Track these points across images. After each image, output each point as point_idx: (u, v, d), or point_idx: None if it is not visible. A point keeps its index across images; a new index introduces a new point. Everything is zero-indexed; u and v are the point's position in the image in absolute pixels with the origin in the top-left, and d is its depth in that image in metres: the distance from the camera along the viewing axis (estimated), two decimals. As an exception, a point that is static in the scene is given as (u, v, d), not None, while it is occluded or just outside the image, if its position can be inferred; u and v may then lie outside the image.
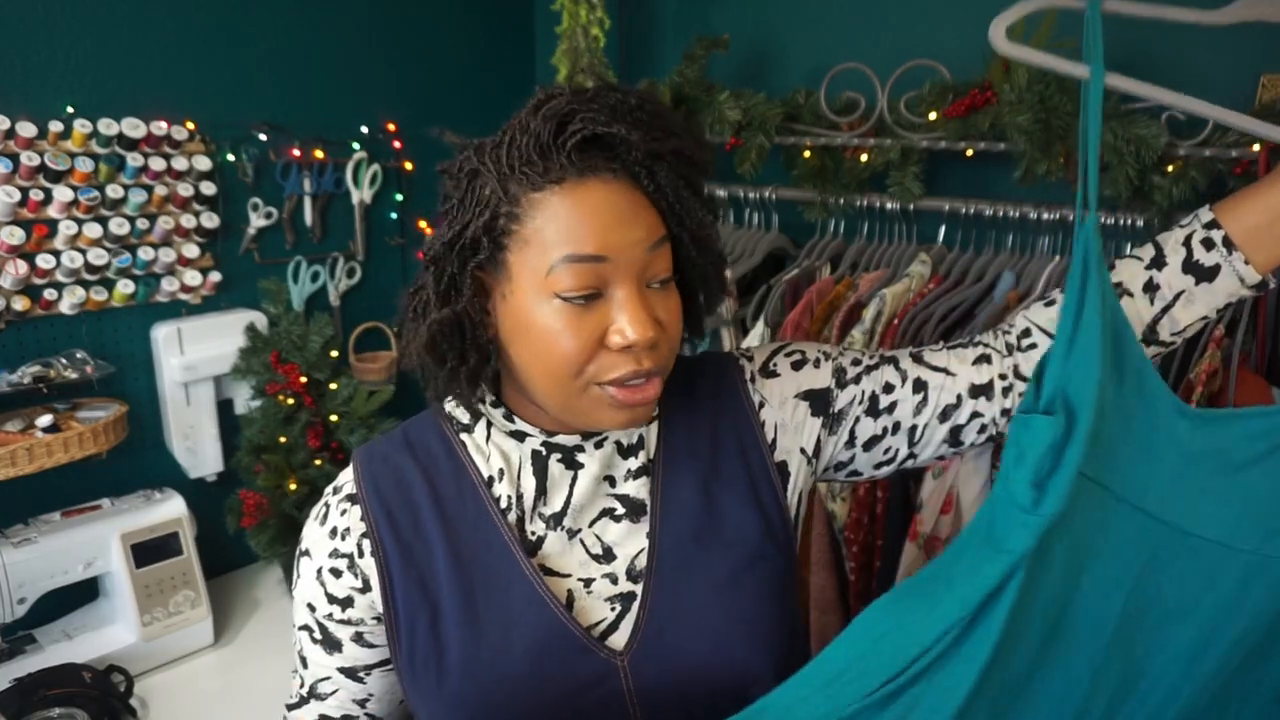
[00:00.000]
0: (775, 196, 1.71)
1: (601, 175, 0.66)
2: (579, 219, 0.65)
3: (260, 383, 1.71)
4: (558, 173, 0.65)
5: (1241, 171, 1.28)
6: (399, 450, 0.78)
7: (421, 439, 0.79)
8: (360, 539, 0.75)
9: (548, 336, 0.67)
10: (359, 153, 1.91)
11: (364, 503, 0.75)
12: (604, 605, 0.75)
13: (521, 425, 0.76)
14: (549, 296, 0.66)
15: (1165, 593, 0.71)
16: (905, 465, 0.86)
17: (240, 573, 1.87)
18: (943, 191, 1.56)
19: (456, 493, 0.76)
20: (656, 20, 2.05)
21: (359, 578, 0.75)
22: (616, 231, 0.66)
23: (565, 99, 0.66)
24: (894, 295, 1.43)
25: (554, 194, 0.66)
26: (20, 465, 1.39)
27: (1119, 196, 1.33)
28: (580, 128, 0.64)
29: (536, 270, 0.66)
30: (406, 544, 0.74)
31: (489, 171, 0.67)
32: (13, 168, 1.44)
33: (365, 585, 0.75)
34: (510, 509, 0.76)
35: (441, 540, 0.74)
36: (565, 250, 0.65)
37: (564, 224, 0.65)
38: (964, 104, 1.44)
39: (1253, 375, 1.22)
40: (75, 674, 1.38)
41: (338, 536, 0.76)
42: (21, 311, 1.49)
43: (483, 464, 0.77)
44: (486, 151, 0.69)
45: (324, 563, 0.76)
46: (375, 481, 0.76)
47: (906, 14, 1.69)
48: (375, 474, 0.76)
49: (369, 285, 2.02)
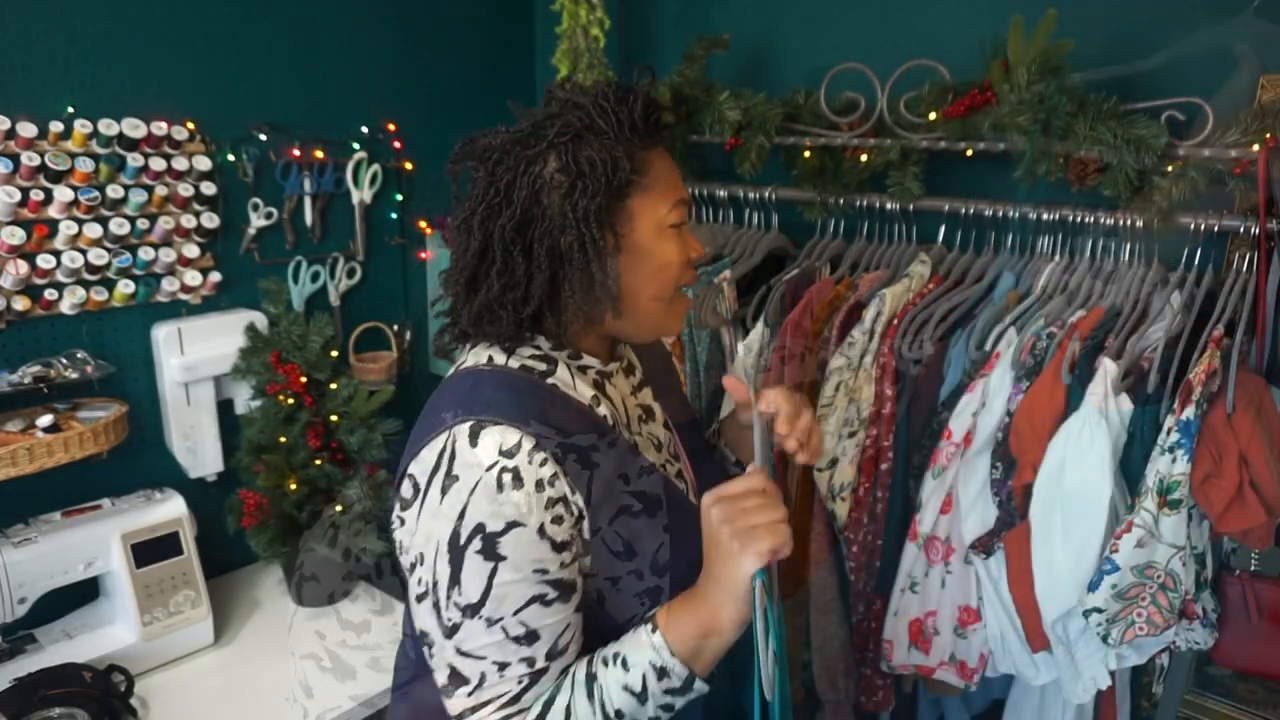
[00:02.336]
0: (775, 196, 1.71)
1: (662, 143, 0.90)
2: (673, 171, 0.90)
3: (260, 383, 1.71)
4: (651, 137, 0.87)
5: (1241, 172, 1.28)
6: (528, 400, 0.85)
7: (528, 388, 0.86)
8: (563, 480, 0.81)
9: (668, 256, 0.88)
10: (359, 153, 1.91)
11: (547, 449, 0.81)
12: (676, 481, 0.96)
13: (586, 360, 0.92)
14: (666, 227, 0.88)
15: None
16: None
17: (240, 573, 1.87)
18: (943, 191, 1.56)
19: (581, 419, 0.86)
20: (656, 20, 2.05)
21: (572, 512, 0.82)
22: (680, 181, 0.91)
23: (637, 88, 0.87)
24: (894, 295, 1.43)
25: (654, 153, 0.88)
26: (21, 465, 1.39)
27: (1119, 197, 1.33)
28: (658, 108, 0.88)
29: (658, 208, 0.87)
30: (590, 470, 0.84)
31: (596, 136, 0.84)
32: (13, 168, 1.44)
33: (579, 515, 0.83)
34: (615, 424, 0.91)
35: (603, 457, 0.85)
36: (677, 195, 0.89)
37: (669, 174, 0.89)
38: (964, 104, 1.44)
39: (1251, 375, 1.22)
40: (75, 674, 1.38)
41: (546, 486, 0.80)
42: (22, 311, 1.49)
43: (576, 395, 0.89)
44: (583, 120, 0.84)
45: (542, 518, 0.80)
46: (539, 430, 0.82)
47: (906, 14, 1.69)
48: (538, 425, 0.82)
49: (369, 285, 2.02)
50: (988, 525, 1.27)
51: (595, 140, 0.83)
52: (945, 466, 1.30)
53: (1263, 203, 1.24)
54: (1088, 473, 1.16)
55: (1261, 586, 1.25)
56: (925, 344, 1.36)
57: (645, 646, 0.80)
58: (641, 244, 0.87)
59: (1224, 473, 1.11)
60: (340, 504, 1.70)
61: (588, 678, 0.81)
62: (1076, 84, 1.34)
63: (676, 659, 0.79)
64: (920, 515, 1.33)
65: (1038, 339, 1.29)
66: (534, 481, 0.79)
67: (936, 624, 1.34)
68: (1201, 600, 1.22)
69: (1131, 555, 1.13)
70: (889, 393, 1.37)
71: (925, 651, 1.35)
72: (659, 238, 0.87)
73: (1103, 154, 1.32)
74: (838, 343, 1.43)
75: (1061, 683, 1.28)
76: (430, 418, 0.86)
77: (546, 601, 0.80)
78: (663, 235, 0.87)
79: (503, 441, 0.80)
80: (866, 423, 1.39)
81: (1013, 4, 1.43)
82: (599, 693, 0.80)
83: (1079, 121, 1.33)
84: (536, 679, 0.81)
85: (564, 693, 0.81)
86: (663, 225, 0.87)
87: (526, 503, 0.79)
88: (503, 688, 0.80)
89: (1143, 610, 1.15)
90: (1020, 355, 1.29)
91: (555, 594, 0.81)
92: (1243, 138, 1.26)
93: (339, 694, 1.49)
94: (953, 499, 1.30)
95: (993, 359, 1.30)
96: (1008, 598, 1.26)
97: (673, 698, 0.81)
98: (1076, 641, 1.25)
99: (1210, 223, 1.30)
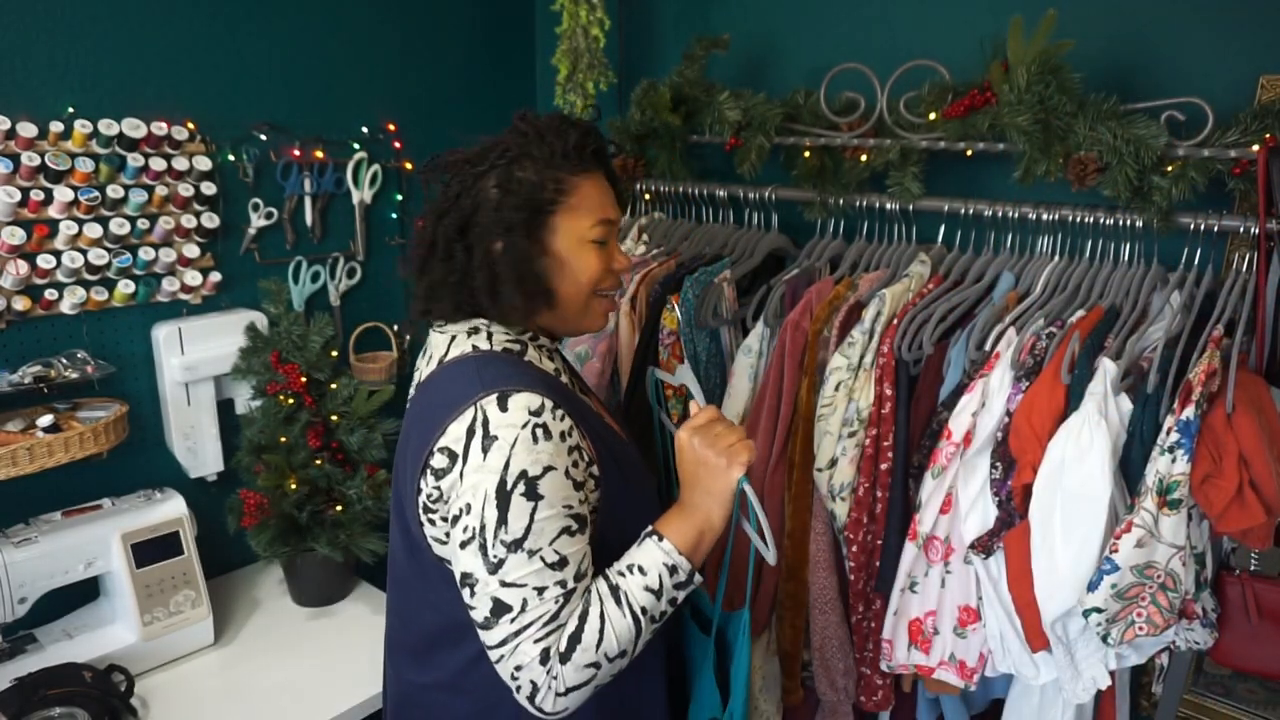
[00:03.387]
0: (775, 196, 1.71)
1: (600, 171, 1.08)
2: (600, 195, 1.07)
3: (260, 383, 1.71)
4: (587, 165, 1.05)
5: (1241, 172, 1.28)
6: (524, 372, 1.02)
7: (518, 364, 1.04)
8: (577, 430, 1.00)
9: (586, 265, 1.06)
10: (359, 153, 1.91)
11: (562, 406, 0.99)
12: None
13: (543, 340, 1.12)
14: (587, 241, 1.06)
15: None
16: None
17: (240, 572, 1.87)
18: (942, 192, 1.56)
19: (557, 386, 1.04)
20: (656, 20, 2.05)
21: (585, 456, 1.00)
22: (616, 206, 1.10)
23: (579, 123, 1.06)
24: (894, 295, 1.43)
25: (584, 179, 1.05)
26: (21, 465, 1.39)
27: (1119, 197, 1.33)
28: (596, 141, 1.06)
29: (579, 225, 1.05)
30: (582, 420, 1.02)
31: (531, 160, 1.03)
32: (13, 168, 1.44)
33: (591, 460, 1.01)
34: (573, 388, 1.11)
35: (585, 417, 1.04)
36: (601, 215, 1.06)
37: (595, 198, 1.06)
38: (963, 104, 1.44)
39: (1251, 375, 1.22)
40: (76, 673, 1.38)
41: (569, 437, 0.98)
42: (22, 311, 1.49)
43: (546, 368, 1.07)
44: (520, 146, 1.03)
45: (565, 463, 0.96)
46: (552, 392, 0.99)
47: (906, 14, 1.69)
48: (546, 388, 0.99)
49: (369, 285, 2.02)
50: (987, 525, 1.27)
51: (530, 164, 1.02)
52: (945, 466, 1.30)
53: (1262, 203, 1.24)
54: (1087, 473, 1.15)
55: (1261, 586, 1.25)
56: (925, 344, 1.36)
57: (655, 552, 0.98)
58: (562, 253, 1.04)
59: (1224, 473, 1.11)
60: (340, 504, 1.71)
61: (611, 589, 0.97)
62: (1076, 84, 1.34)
63: (683, 557, 0.99)
64: (920, 515, 1.33)
65: (1038, 339, 1.29)
66: (559, 433, 0.96)
67: (936, 624, 1.34)
68: (1201, 600, 1.22)
69: (1131, 555, 1.13)
70: (889, 393, 1.37)
71: (925, 651, 1.35)
72: (579, 249, 1.05)
73: (1103, 154, 1.32)
74: (838, 343, 1.43)
75: (1061, 683, 1.28)
76: (443, 402, 0.99)
77: (572, 532, 0.96)
78: (583, 247, 1.05)
79: (529, 403, 0.96)
80: (866, 423, 1.39)
81: (1013, 4, 1.43)
82: (625, 597, 0.96)
83: (1079, 121, 1.33)
84: (569, 599, 0.94)
85: (595, 604, 0.95)
86: (584, 239, 1.05)
87: (556, 450, 0.95)
88: (542, 609, 0.93)
89: (1142, 610, 1.15)
90: (1020, 355, 1.29)
91: (577, 525, 0.96)
92: (1242, 138, 1.26)
93: (339, 694, 1.50)
94: (952, 499, 1.30)
95: (993, 359, 1.30)
96: (1007, 598, 1.26)
97: (679, 590, 0.99)
98: (1076, 641, 1.25)
99: (1210, 223, 1.30)
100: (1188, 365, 1.18)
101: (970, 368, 1.34)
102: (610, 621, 0.94)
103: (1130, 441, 1.20)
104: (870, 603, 1.44)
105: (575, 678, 0.93)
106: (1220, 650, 1.28)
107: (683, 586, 0.99)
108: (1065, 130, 1.35)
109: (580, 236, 1.04)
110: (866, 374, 1.39)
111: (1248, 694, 1.48)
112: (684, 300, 1.57)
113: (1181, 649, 1.27)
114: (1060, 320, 1.32)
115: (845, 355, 1.40)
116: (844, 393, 1.40)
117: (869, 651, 1.45)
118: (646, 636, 0.98)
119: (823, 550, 1.47)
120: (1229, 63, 1.37)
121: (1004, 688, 1.43)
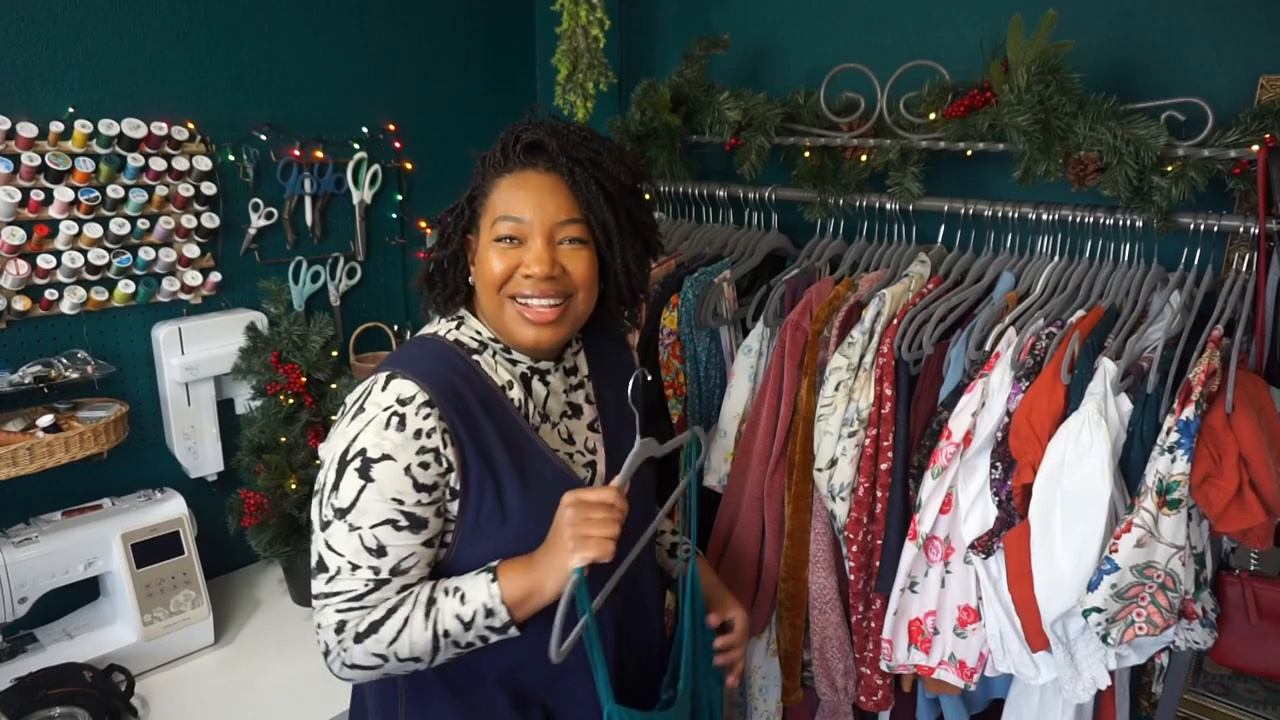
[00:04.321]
0: (775, 196, 1.71)
1: (537, 168, 1.02)
2: (512, 193, 1.02)
3: (261, 383, 1.71)
4: (511, 165, 1.03)
5: (1240, 172, 1.28)
6: (440, 367, 1.01)
7: (446, 359, 1.03)
8: (443, 435, 0.97)
9: (488, 266, 1.02)
10: (359, 153, 1.91)
11: (439, 406, 0.97)
12: (583, 469, 1.11)
13: (515, 354, 1.08)
14: (491, 240, 1.03)
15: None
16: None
17: (240, 572, 1.87)
18: (942, 191, 1.56)
19: (489, 396, 1.03)
20: (656, 20, 2.05)
21: (443, 464, 0.97)
22: (535, 202, 1.01)
23: (527, 123, 1.03)
24: (894, 295, 1.43)
25: (506, 178, 1.03)
26: (21, 465, 1.39)
27: (1119, 197, 1.33)
28: (523, 135, 1.02)
29: (487, 224, 1.03)
30: (474, 434, 0.99)
31: (479, 167, 1.06)
32: (13, 168, 1.44)
33: (448, 468, 0.98)
34: (520, 408, 1.06)
35: (492, 430, 1.01)
36: (502, 211, 1.02)
37: (505, 196, 1.02)
38: (963, 104, 1.44)
39: (1251, 375, 1.22)
40: (76, 673, 1.38)
41: (423, 436, 0.96)
42: (22, 311, 1.49)
43: (495, 377, 1.05)
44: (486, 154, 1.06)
45: (411, 460, 0.95)
46: (438, 389, 0.98)
47: (906, 14, 1.69)
48: (435, 383, 0.98)
49: (369, 285, 2.02)
50: (987, 525, 1.27)
51: (485, 168, 1.05)
52: (945, 466, 1.30)
53: (1262, 203, 1.24)
54: (1087, 473, 1.16)
55: (1261, 586, 1.25)
56: (925, 344, 1.36)
57: (483, 589, 0.97)
58: (479, 253, 1.05)
59: (1223, 473, 1.11)
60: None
61: (428, 600, 0.97)
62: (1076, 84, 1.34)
63: (504, 606, 0.96)
64: (920, 515, 1.33)
65: (1037, 339, 1.29)
66: (414, 430, 0.95)
67: (936, 624, 1.34)
68: (1201, 600, 1.22)
69: (1131, 555, 1.13)
70: (889, 393, 1.37)
71: (925, 651, 1.35)
72: (486, 250, 1.03)
73: (1103, 154, 1.32)
74: (838, 343, 1.43)
75: (1061, 682, 1.28)
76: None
77: (398, 527, 0.96)
78: (489, 248, 1.03)
79: (401, 391, 0.97)
80: (866, 423, 1.39)
81: (1013, 4, 1.43)
82: (435, 614, 0.96)
83: (1079, 121, 1.33)
84: (379, 586, 0.97)
85: (405, 606, 0.96)
86: (489, 238, 1.03)
87: (402, 443, 0.95)
88: (351, 585, 0.96)
89: (1142, 610, 1.15)
90: (1020, 355, 1.29)
91: (406, 523, 0.96)
92: (1242, 138, 1.26)
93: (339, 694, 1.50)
94: (953, 499, 1.30)
95: (993, 359, 1.30)
96: (1007, 597, 1.26)
97: (491, 634, 0.98)
98: (1076, 641, 1.25)
99: (1210, 223, 1.30)
100: (1187, 365, 1.18)
101: (970, 368, 1.34)
102: (411, 628, 0.96)
103: (1130, 441, 1.20)
104: (870, 603, 1.44)
105: (362, 659, 0.98)
106: (1220, 650, 1.28)
107: (495, 631, 0.98)
108: (1065, 130, 1.35)
109: (489, 236, 1.03)
110: (866, 374, 1.39)
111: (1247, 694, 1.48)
112: (684, 300, 1.58)
113: (1181, 649, 1.27)
114: (1060, 320, 1.32)
115: (845, 355, 1.40)
116: (844, 393, 1.40)
117: (869, 651, 1.45)
118: (446, 655, 0.99)
119: (823, 550, 1.47)
120: (1229, 63, 1.37)
121: (1004, 688, 1.43)
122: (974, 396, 1.29)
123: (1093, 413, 1.16)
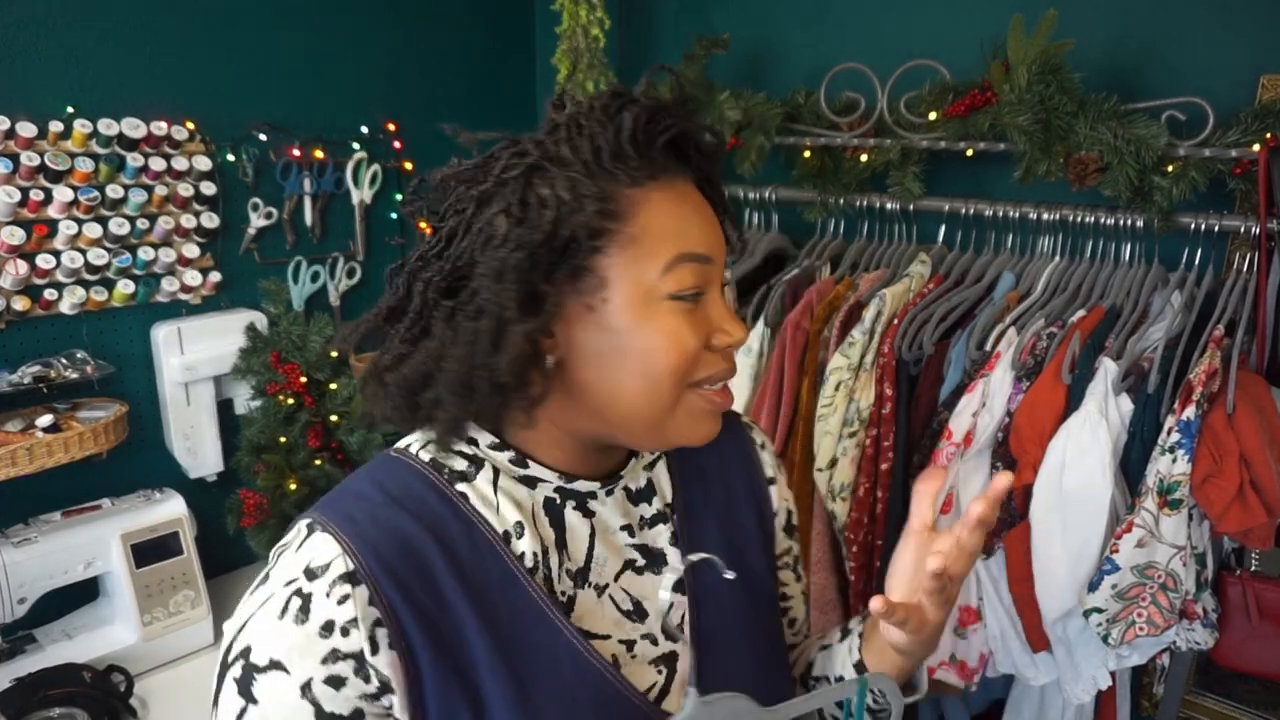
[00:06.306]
0: (775, 196, 1.71)
1: (685, 175, 0.65)
2: (686, 216, 0.62)
3: (260, 383, 1.71)
4: (653, 169, 0.61)
5: (1241, 172, 1.28)
6: (389, 509, 0.62)
7: (409, 492, 0.63)
8: (373, 629, 0.57)
9: (664, 339, 0.60)
10: (359, 153, 1.91)
11: (370, 580, 0.58)
12: (650, 669, 0.67)
13: (536, 469, 0.66)
14: (661, 297, 0.61)
15: None
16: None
17: (240, 573, 1.87)
18: (943, 191, 1.56)
19: (473, 555, 0.62)
20: (656, 20, 2.05)
21: (373, 680, 0.58)
22: (715, 232, 0.64)
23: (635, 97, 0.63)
24: (894, 295, 1.43)
25: (656, 190, 0.61)
26: (20, 465, 1.39)
27: (1119, 197, 1.33)
28: (672, 124, 0.62)
29: (646, 271, 0.60)
30: (434, 625, 0.59)
31: (560, 168, 0.60)
32: (13, 168, 1.44)
33: (382, 688, 0.58)
34: (536, 568, 0.64)
35: (471, 615, 0.60)
36: (681, 248, 0.61)
37: (675, 221, 0.61)
38: (964, 104, 1.44)
39: (1252, 375, 1.22)
40: (75, 674, 1.38)
41: (335, 633, 0.57)
42: (22, 311, 1.49)
43: (493, 518, 0.64)
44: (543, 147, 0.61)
45: (313, 674, 0.57)
46: (376, 551, 0.59)
47: (906, 14, 1.69)
48: (373, 542, 0.59)
49: (369, 285, 2.02)
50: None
51: (558, 171, 0.60)
52: (945, 466, 1.30)
53: (1263, 203, 1.24)
54: (1088, 473, 1.15)
55: (1261, 587, 1.25)
56: (925, 344, 1.36)
57: None
58: (614, 321, 0.60)
59: (1224, 473, 1.11)
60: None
61: None
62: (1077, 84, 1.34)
63: None
64: (920, 515, 1.33)
65: (1038, 339, 1.29)
66: (321, 622, 0.57)
67: (936, 624, 1.34)
68: (1202, 600, 1.22)
69: (1132, 555, 1.13)
70: (889, 393, 1.37)
71: (925, 651, 1.35)
72: (646, 313, 0.60)
73: (1103, 154, 1.31)
74: (838, 343, 1.43)
75: (1061, 683, 1.28)
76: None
77: None
78: (652, 310, 0.60)
79: (314, 557, 0.59)
80: (866, 423, 1.39)
81: (1013, 4, 1.43)
82: None
83: (1079, 121, 1.33)
84: None
85: None
86: (653, 295, 0.60)
87: (301, 646, 0.57)
88: None
89: (1143, 610, 1.15)
90: (1020, 355, 1.29)
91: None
92: (1243, 138, 1.26)
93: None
94: (953, 499, 1.30)
95: (993, 359, 1.30)
96: (1008, 598, 1.26)
97: None
98: (1076, 641, 1.25)
99: (1211, 223, 1.30)
100: (1188, 365, 1.18)
101: (970, 368, 1.34)
102: None
103: (1131, 442, 1.20)
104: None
105: None
106: (1221, 650, 1.27)
107: None
108: (1065, 130, 1.34)
109: (647, 291, 0.60)
110: (867, 374, 1.39)
111: (1248, 694, 1.48)
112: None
113: (1182, 649, 1.27)
114: (1061, 320, 1.32)
115: (845, 355, 1.40)
116: (844, 393, 1.40)
117: (869, 652, 1.45)
118: None
119: (823, 550, 1.47)
120: (1229, 63, 1.37)
121: (1004, 688, 1.43)
122: (974, 397, 1.29)
123: (1093, 413, 1.16)
